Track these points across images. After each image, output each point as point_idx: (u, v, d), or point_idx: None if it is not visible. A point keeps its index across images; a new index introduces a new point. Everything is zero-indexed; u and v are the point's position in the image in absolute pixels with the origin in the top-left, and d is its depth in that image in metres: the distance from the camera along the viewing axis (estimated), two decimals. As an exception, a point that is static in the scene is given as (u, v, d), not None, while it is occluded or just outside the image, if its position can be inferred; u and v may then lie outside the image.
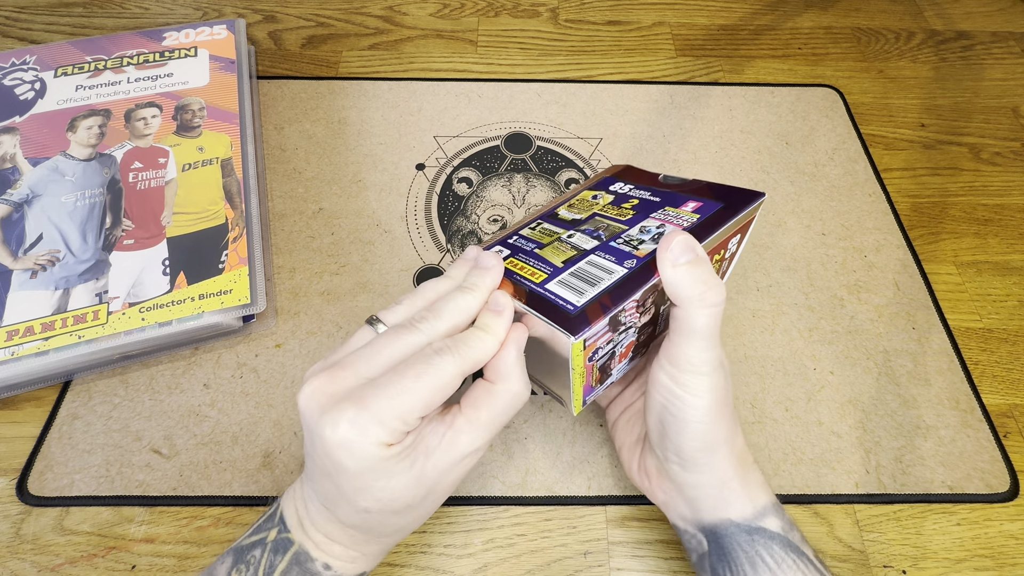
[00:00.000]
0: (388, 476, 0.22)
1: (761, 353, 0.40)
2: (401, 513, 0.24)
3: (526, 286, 0.27)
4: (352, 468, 0.22)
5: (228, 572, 0.26)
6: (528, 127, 0.52)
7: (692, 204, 0.31)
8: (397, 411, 0.22)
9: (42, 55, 0.48)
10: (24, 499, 0.34)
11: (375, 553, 0.27)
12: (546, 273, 0.28)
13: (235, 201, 0.42)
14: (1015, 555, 0.34)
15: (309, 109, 0.52)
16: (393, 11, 0.61)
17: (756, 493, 0.28)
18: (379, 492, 0.23)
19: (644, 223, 0.30)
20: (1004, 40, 0.61)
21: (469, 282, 0.26)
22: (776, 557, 0.26)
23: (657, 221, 0.30)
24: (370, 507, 0.23)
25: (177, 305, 0.37)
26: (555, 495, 0.35)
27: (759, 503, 0.27)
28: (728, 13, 0.63)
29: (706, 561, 0.28)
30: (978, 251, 0.46)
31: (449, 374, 0.23)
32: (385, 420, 0.21)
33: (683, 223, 0.29)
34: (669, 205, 0.31)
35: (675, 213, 0.30)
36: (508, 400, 0.25)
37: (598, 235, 0.30)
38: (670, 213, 0.30)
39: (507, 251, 0.31)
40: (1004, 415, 0.39)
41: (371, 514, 0.24)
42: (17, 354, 0.35)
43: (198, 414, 0.37)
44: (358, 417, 0.21)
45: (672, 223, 0.29)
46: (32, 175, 0.41)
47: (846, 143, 0.52)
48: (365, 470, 0.22)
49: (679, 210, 0.30)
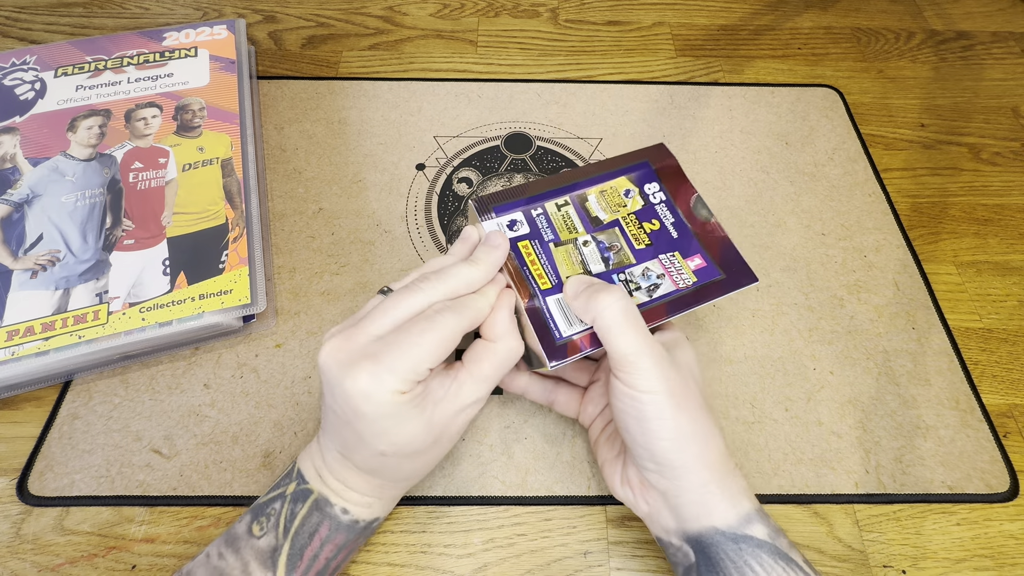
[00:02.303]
0: (402, 421, 0.25)
1: (761, 353, 0.40)
2: (412, 457, 0.27)
3: (531, 286, 0.30)
4: (371, 414, 0.25)
5: (248, 526, 0.28)
6: (528, 127, 0.52)
7: (699, 260, 0.32)
8: (408, 364, 0.25)
9: (42, 55, 0.48)
10: (24, 499, 0.34)
11: (388, 498, 0.30)
12: (551, 284, 0.30)
13: (235, 201, 0.42)
14: (1015, 555, 0.34)
15: (309, 109, 0.52)
16: (393, 11, 0.61)
17: (739, 499, 0.27)
18: (394, 436, 0.26)
19: (649, 265, 0.32)
20: (1004, 40, 0.61)
21: (475, 256, 0.29)
22: (765, 566, 0.26)
23: (661, 268, 0.32)
24: (386, 450, 0.26)
25: (177, 305, 0.37)
26: (555, 495, 0.35)
27: (742, 509, 0.27)
28: (728, 13, 0.63)
29: (693, 573, 0.27)
30: (978, 251, 0.46)
31: (451, 329, 0.26)
32: (398, 371, 0.24)
33: (682, 282, 0.31)
34: (680, 251, 0.32)
35: (679, 265, 0.32)
36: (504, 355, 0.28)
37: (607, 257, 0.32)
38: (676, 263, 0.32)
39: (525, 224, 0.32)
40: (1004, 415, 0.39)
41: (387, 457, 0.26)
42: (17, 354, 0.35)
43: (198, 414, 0.37)
44: (375, 370, 0.24)
45: (672, 277, 0.31)
46: (32, 175, 0.41)
47: (846, 143, 0.52)
48: (382, 415, 0.25)
49: (685, 262, 0.32)
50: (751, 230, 0.46)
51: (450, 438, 0.28)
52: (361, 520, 0.29)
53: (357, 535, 0.29)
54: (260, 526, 0.28)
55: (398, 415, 0.25)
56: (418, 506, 0.34)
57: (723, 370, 0.40)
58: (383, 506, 0.30)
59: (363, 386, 0.24)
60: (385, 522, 0.34)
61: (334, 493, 0.28)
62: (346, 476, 0.28)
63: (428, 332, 0.25)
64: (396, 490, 0.30)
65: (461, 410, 0.27)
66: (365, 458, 0.27)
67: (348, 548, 0.29)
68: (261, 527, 0.28)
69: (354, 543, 0.29)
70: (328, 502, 0.28)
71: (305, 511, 0.28)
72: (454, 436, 0.28)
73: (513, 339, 0.28)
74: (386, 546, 0.33)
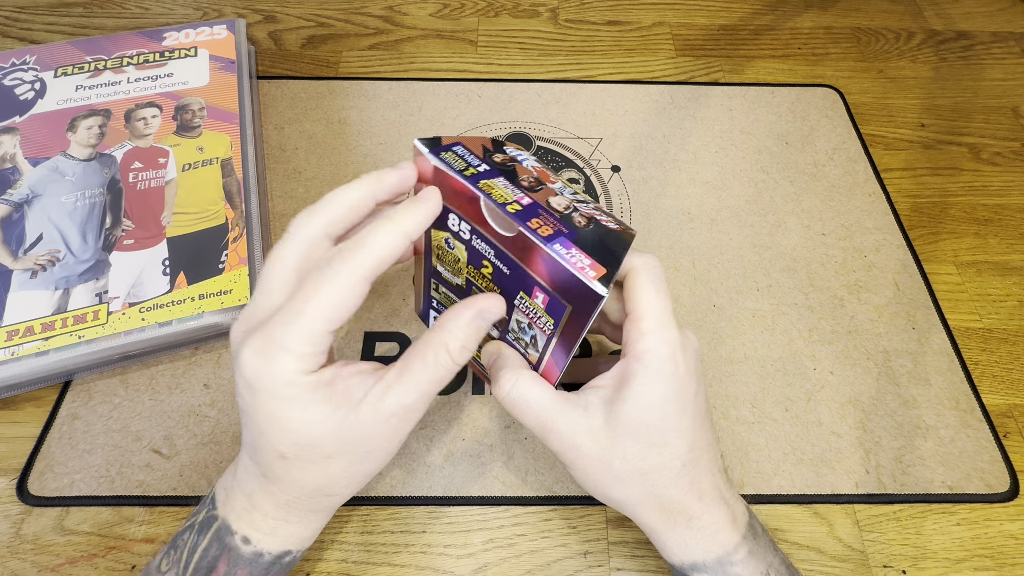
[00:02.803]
0: (302, 408, 0.22)
1: (761, 353, 0.40)
2: (318, 463, 0.23)
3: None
4: (267, 397, 0.22)
5: (160, 559, 0.26)
6: (528, 127, 0.52)
7: (542, 296, 0.24)
8: (299, 335, 0.21)
9: (42, 55, 0.48)
10: (24, 499, 0.34)
11: (297, 523, 0.25)
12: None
13: (235, 201, 0.42)
14: (1015, 555, 0.34)
15: (309, 109, 0.52)
16: (393, 11, 0.61)
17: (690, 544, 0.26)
18: (295, 431, 0.22)
19: (516, 316, 0.26)
20: (1004, 40, 0.61)
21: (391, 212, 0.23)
22: None
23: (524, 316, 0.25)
24: (286, 452, 0.23)
25: (177, 305, 0.37)
26: (555, 495, 0.35)
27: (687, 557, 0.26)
28: (728, 13, 0.63)
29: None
30: (978, 251, 0.46)
31: (344, 282, 0.21)
32: (289, 346, 0.21)
33: (546, 327, 0.25)
34: (523, 288, 0.24)
35: (531, 306, 0.24)
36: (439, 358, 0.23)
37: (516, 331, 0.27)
38: (527, 305, 0.24)
39: None
40: (1004, 415, 0.39)
41: (288, 460, 0.23)
42: (17, 354, 0.35)
43: (198, 414, 0.37)
44: (263, 346, 0.21)
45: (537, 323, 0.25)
46: (32, 175, 0.41)
47: (846, 143, 0.52)
48: (281, 400, 0.22)
49: (533, 302, 0.24)
50: (751, 230, 0.46)
51: (375, 451, 0.24)
52: (265, 553, 0.25)
53: (265, 570, 0.25)
54: (168, 560, 0.25)
55: (298, 402, 0.22)
56: (418, 506, 0.34)
57: (723, 370, 0.40)
58: (292, 535, 0.26)
59: (253, 365, 0.21)
60: (385, 522, 0.34)
61: (237, 516, 0.25)
62: (252, 489, 0.25)
63: (315, 294, 0.21)
64: (304, 513, 0.25)
65: (386, 419, 0.23)
66: (268, 461, 0.23)
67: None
68: (168, 562, 0.25)
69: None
70: (229, 530, 0.25)
71: (206, 543, 0.25)
72: (382, 450, 0.24)
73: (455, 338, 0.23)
74: (386, 546, 0.33)
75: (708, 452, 0.27)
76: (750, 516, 0.28)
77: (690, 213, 0.47)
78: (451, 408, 0.37)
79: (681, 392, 0.25)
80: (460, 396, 0.38)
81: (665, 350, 0.24)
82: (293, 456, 0.23)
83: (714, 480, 0.27)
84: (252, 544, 0.25)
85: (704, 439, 0.26)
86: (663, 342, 0.24)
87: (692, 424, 0.25)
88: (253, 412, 0.22)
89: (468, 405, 0.38)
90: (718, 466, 0.27)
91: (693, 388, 0.26)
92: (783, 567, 0.27)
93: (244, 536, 0.25)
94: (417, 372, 0.23)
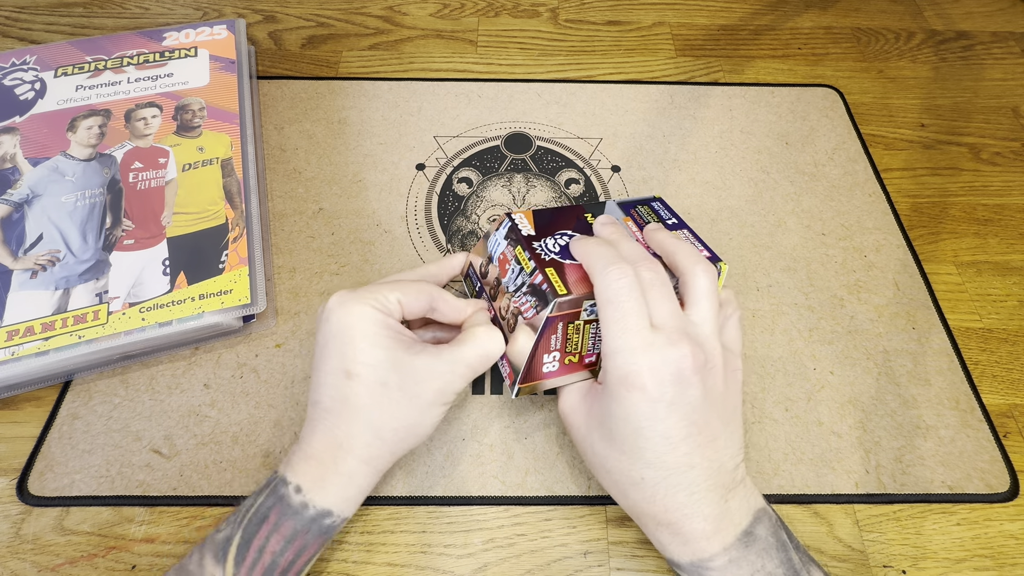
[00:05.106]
0: (371, 337, 0.28)
1: (761, 353, 0.40)
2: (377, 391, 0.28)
3: None
4: (345, 327, 0.28)
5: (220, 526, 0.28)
6: (528, 127, 0.52)
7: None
8: (378, 298, 0.29)
9: (42, 55, 0.48)
10: (24, 499, 0.34)
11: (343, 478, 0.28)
12: None
13: (235, 201, 0.42)
14: (1015, 555, 0.34)
15: (309, 109, 0.52)
16: (393, 11, 0.61)
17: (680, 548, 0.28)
18: (363, 353, 0.28)
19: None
20: (1004, 40, 0.61)
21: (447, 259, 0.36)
22: None
23: None
24: (352, 368, 0.28)
25: (177, 305, 0.37)
26: (555, 495, 0.35)
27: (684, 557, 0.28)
28: (728, 13, 0.63)
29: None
30: (978, 251, 0.46)
31: (419, 278, 0.32)
32: (369, 301, 0.29)
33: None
34: None
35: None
36: (487, 342, 0.30)
37: None
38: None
39: None
40: (1004, 415, 0.39)
41: (352, 379, 0.28)
42: (17, 354, 0.35)
43: (198, 414, 0.37)
44: (356, 297, 0.29)
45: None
46: (32, 175, 0.41)
47: (846, 143, 0.52)
48: (356, 329, 0.28)
49: None
50: (751, 230, 0.46)
51: (419, 401, 0.29)
52: (311, 506, 0.27)
53: (307, 526, 0.28)
54: (227, 521, 0.28)
55: (369, 332, 0.28)
56: (418, 506, 0.34)
57: (723, 370, 0.40)
58: (337, 491, 0.28)
59: (346, 307, 0.29)
60: (385, 522, 0.34)
61: (292, 469, 0.28)
62: (308, 433, 0.29)
63: (396, 284, 0.31)
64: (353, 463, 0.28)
65: (434, 375, 0.29)
66: (334, 384, 0.28)
67: (296, 544, 0.27)
68: (227, 522, 0.28)
69: (303, 539, 0.28)
70: (284, 481, 0.28)
71: (263, 497, 0.28)
72: (425, 402, 0.29)
73: (494, 331, 0.31)
74: (386, 546, 0.33)
75: (686, 474, 0.27)
76: (752, 522, 0.28)
77: (690, 213, 0.47)
78: (451, 408, 0.37)
79: (637, 416, 0.27)
80: (460, 396, 0.38)
81: (618, 374, 0.27)
82: (356, 374, 0.28)
83: (691, 498, 0.27)
84: (302, 494, 0.28)
85: (681, 461, 0.27)
86: (621, 364, 0.27)
87: (652, 446, 0.26)
88: (331, 341, 0.29)
89: (468, 405, 0.38)
90: (706, 484, 0.27)
91: (662, 413, 0.26)
92: (783, 568, 0.27)
93: (297, 485, 0.28)
94: (466, 347, 0.30)
